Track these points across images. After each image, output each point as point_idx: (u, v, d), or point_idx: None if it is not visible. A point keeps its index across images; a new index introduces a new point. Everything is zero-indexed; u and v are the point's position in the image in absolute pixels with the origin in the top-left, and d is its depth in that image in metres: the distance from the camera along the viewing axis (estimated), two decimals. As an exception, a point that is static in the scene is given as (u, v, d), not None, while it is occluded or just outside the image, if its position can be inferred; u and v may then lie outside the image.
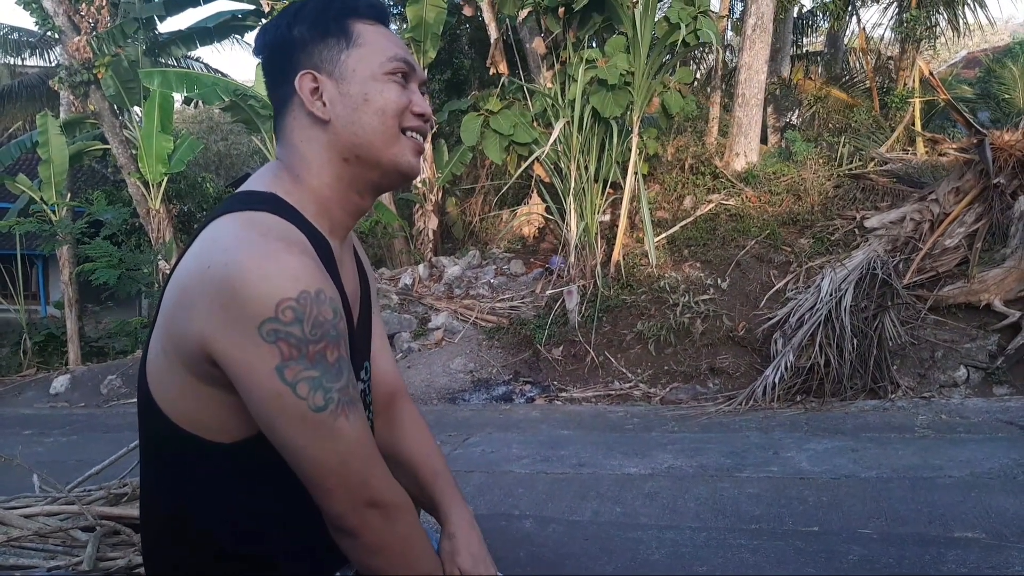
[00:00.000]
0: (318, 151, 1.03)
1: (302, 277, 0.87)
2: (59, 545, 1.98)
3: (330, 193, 1.04)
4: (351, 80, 1.02)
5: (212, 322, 0.86)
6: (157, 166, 10.60)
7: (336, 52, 1.03)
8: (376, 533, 0.94)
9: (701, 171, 9.43)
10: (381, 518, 0.94)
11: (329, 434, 0.89)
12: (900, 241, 7.09)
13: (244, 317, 0.85)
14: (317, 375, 0.87)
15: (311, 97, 1.02)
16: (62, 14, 10.25)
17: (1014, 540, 2.97)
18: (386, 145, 1.03)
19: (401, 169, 1.05)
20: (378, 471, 0.95)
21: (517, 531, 3.39)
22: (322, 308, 0.88)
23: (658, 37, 7.65)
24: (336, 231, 1.06)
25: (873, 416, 5.17)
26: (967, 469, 3.87)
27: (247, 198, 0.99)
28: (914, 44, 10.87)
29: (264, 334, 0.85)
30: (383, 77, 1.03)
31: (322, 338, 0.88)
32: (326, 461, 0.90)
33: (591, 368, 6.79)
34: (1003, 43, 17.87)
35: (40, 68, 17.51)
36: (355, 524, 0.93)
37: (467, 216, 10.77)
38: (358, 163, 1.03)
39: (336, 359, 0.90)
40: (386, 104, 1.02)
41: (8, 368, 10.67)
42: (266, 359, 0.86)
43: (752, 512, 3.48)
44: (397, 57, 1.05)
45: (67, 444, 5.92)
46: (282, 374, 0.86)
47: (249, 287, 0.85)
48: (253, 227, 0.92)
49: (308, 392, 0.87)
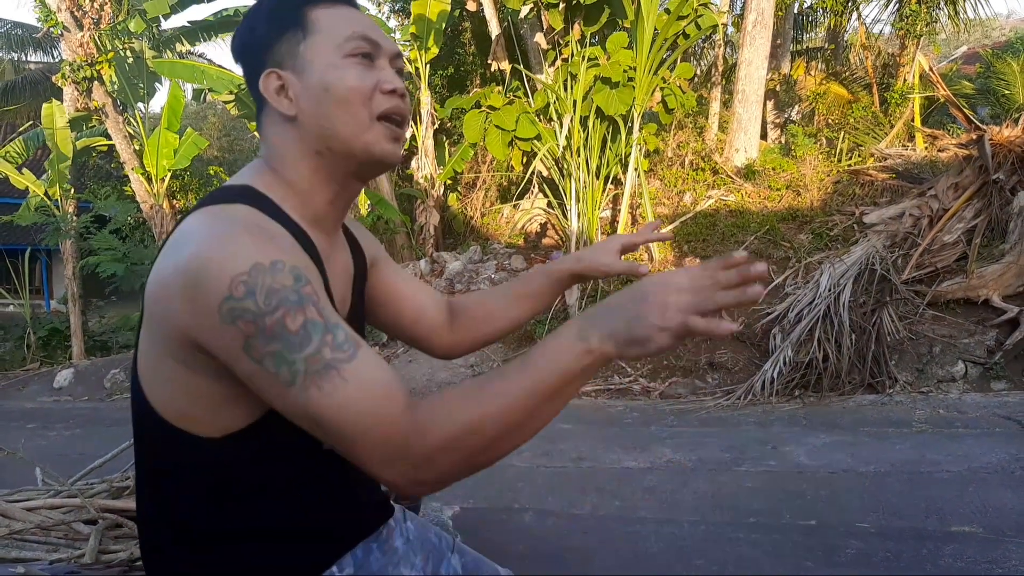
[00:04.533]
0: (291, 147, 1.01)
1: (255, 252, 0.84)
2: (61, 538, 1.99)
3: (308, 186, 1.01)
4: (310, 71, 0.99)
5: (187, 312, 0.85)
6: (161, 162, 10.63)
7: (294, 44, 1.00)
8: (447, 471, 0.84)
9: (701, 167, 9.44)
10: (425, 462, 0.82)
11: (304, 411, 0.82)
12: (899, 237, 7.10)
13: (207, 302, 0.82)
14: (279, 348, 0.81)
15: (277, 96, 1.00)
16: (65, 10, 10.23)
17: (1011, 535, 2.99)
18: (356, 134, 0.99)
19: (376, 157, 1.01)
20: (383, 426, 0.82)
21: (517, 524, 3.41)
22: (277, 276, 0.83)
23: (659, 31, 7.66)
24: (322, 223, 1.04)
25: (871, 411, 5.19)
26: (964, 464, 3.89)
27: (223, 192, 0.97)
28: (914, 40, 10.85)
29: (224, 315, 0.82)
30: (342, 61, 0.99)
31: (278, 306, 0.82)
32: (323, 435, 0.84)
33: (591, 363, 6.80)
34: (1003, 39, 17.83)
35: (44, 64, 17.52)
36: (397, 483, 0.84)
37: (468, 211, 10.77)
38: (331, 155, 1.00)
39: (300, 325, 0.82)
40: (347, 91, 0.98)
41: (12, 362, 10.70)
42: (234, 340, 0.82)
43: (750, 506, 3.50)
44: (355, 35, 1.00)
45: (70, 438, 5.94)
46: (249, 353, 0.82)
47: (207, 271, 0.83)
48: (221, 217, 0.90)
49: (275, 368, 0.82)
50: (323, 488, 1.02)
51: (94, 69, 10.31)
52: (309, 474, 0.99)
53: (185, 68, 10.46)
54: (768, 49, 9.69)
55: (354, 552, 1.06)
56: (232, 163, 21.70)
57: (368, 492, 1.15)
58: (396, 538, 1.15)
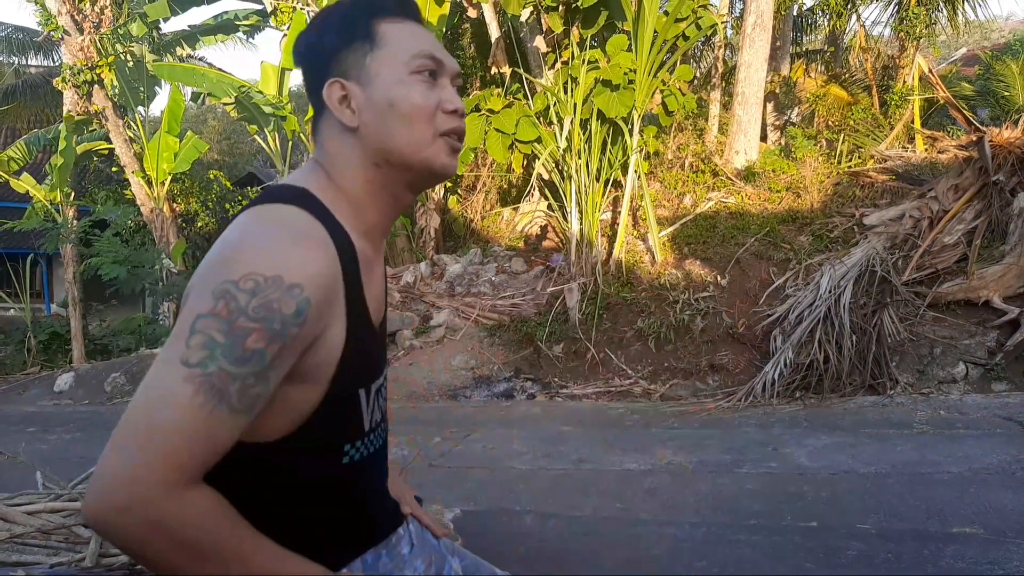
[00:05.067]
0: (350, 156, 1.02)
1: (287, 265, 0.84)
2: (62, 542, 1.98)
3: (364, 196, 1.02)
4: (376, 85, 1.00)
5: (194, 283, 0.86)
6: (161, 166, 10.65)
7: (361, 56, 1.01)
8: (127, 537, 0.80)
9: (701, 169, 9.45)
10: (140, 526, 0.78)
11: (164, 392, 0.80)
12: (899, 238, 7.10)
13: (214, 276, 0.83)
14: (220, 341, 0.80)
15: (339, 106, 1.00)
16: (65, 14, 10.26)
17: (1012, 536, 2.98)
18: (416, 151, 1.00)
19: (435, 172, 1.03)
20: (170, 474, 0.78)
21: (518, 526, 3.41)
22: (285, 299, 0.83)
23: (658, 33, 7.67)
24: (371, 233, 1.04)
25: (872, 412, 5.19)
26: (965, 465, 3.88)
27: (279, 191, 0.98)
28: (914, 42, 10.86)
29: (216, 290, 0.82)
30: (408, 78, 1.00)
31: (259, 321, 0.81)
32: (136, 419, 0.80)
33: (591, 365, 6.81)
34: (1002, 40, 17.85)
35: (44, 68, 17.55)
36: (104, 518, 0.79)
37: (469, 214, 10.77)
38: (389, 167, 1.02)
39: (255, 349, 0.81)
40: (413, 109, 0.99)
41: (13, 366, 10.70)
42: (199, 306, 0.82)
43: (751, 508, 3.49)
44: (422, 54, 1.01)
45: (70, 441, 5.94)
46: (196, 321, 0.81)
47: (235, 258, 0.84)
48: (273, 218, 0.91)
49: (197, 346, 0.80)
50: (341, 496, 1.02)
51: (94, 73, 10.34)
52: (327, 483, 0.99)
53: (185, 71, 10.49)
54: (768, 51, 9.71)
55: (364, 557, 1.06)
56: (232, 166, 21.71)
57: (382, 500, 1.16)
58: (403, 544, 1.16)
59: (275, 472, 0.95)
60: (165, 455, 0.79)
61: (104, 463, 0.79)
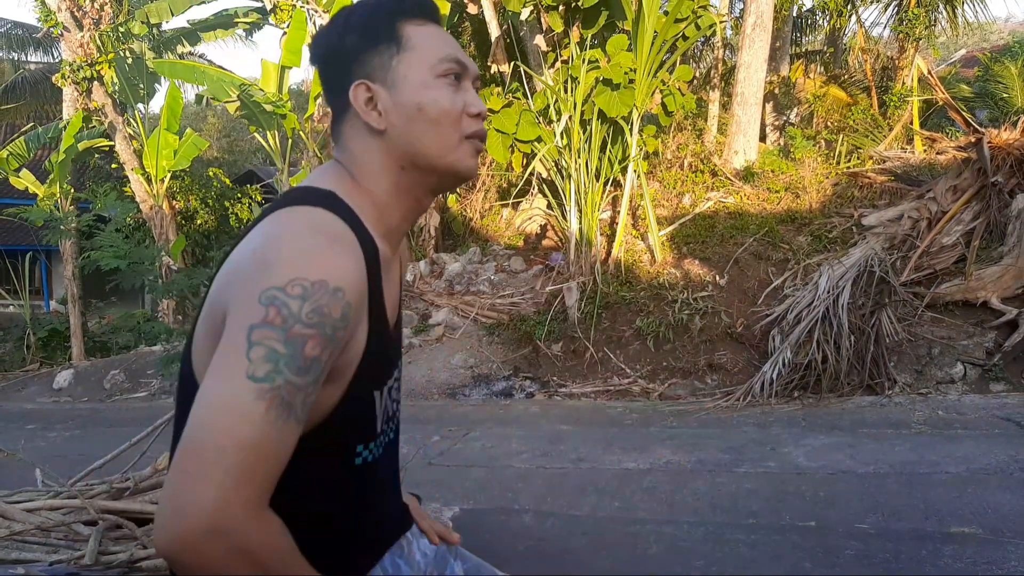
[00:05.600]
0: (376, 159, 1.02)
1: (329, 268, 0.85)
2: (61, 539, 1.99)
3: (388, 199, 1.02)
4: (403, 88, 1.00)
5: (234, 290, 0.86)
6: (161, 163, 10.64)
7: (387, 59, 1.01)
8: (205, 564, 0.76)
9: (700, 169, 9.45)
10: (224, 552, 0.76)
11: (237, 411, 0.78)
12: (898, 239, 7.11)
13: (257, 282, 0.83)
14: (283, 352, 0.80)
15: (366, 108, 1.00)
16: (65, 10, 10.24)
17: (1010, 536, 2.99)
18: (443, 154, 1.01)
19: (460, 174, 1.04)
20: (255, 492, 0.78)
21: (516, 525, 3.42)
22: (333, 303, 0.83)
23: (658, 33, 7.67)
24: (391, 235, 1.05)
25: (870, 412, 5.20)
26: (963, 465, 3.89)
27: (307, 193, 0.97)
28: (913, 43, 10.87)
29: (262, 297, 0.81)
30: (435, 82, 1.00)
31: (314, 326, 0.82)
32: (211, 441, 0.77)
33: (590, 364, 6.81)
34: (1001, 42, 17.87)
35: (44, 64, 17.53)
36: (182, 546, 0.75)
37: (468, 213, 10.77)
38: (415, 170, 1.02)
39: (313, 357, 0.82)
40: (440, 113, 1.00)
41: (12, 363, 10.69)
42: (249, 315, 0.81)
43: (749, 507, 3.50)
44: (448, 58, 1.01)
45: (70, 439, 5.94)
46: (251, 332, 0.80)
47: (274, 261, 0.84)
48: (306, 221, 0.91)
49: (259, 358, 0.79)
50: (351, 497, 1.02)
51: (94, 69, 10.32)
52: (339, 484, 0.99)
53: (185, 68, 10.48)
54: (767, 52, 9.70)
55: (382, 562, 1.08)
56: (232, 164, 21.69)
57: (393, 501, 1.17)
58: (416, 552, 1.17)
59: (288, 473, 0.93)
60: (249, 476, 0.77)
61: (181, 489, 0.76)
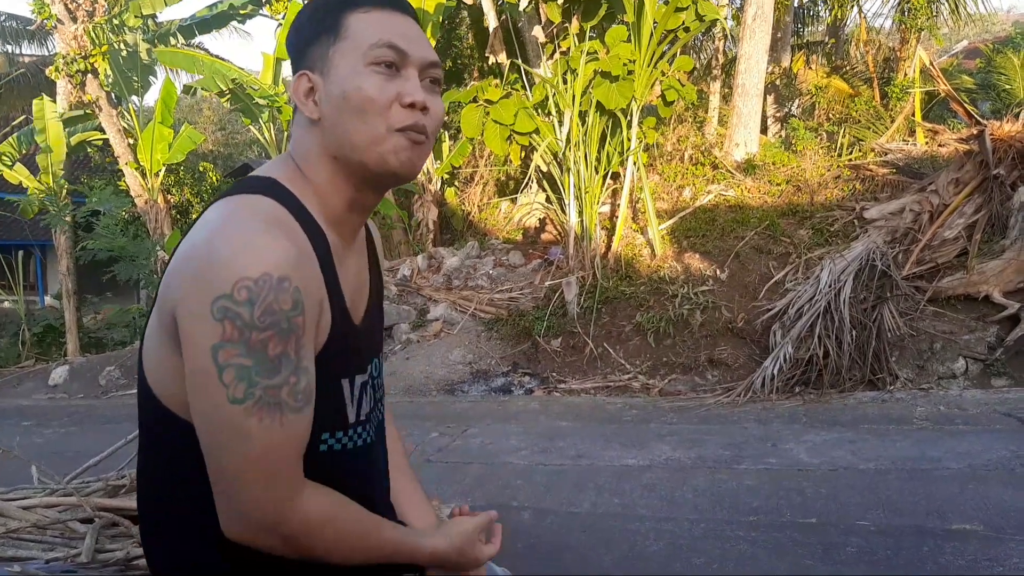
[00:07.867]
0: (313, 149, 1.01)
1: (269, 259, 0.84)
2: (57, 537, 1.97)
3: (328, 188, 1.01)
4: (333, 77, 0.98)
5: (181, 292, 0.86)
6: (155, 156, 10.59)
7: (326, 48, 0.99)
8: (278, 550, 0.92)
9: (701, 161, 9.41)
10: (281, 541, 0.90)
11: (236, 433, 0.85)
12: (899, 232, 7.08)
13: (204, 290, 0.83)
14: (249, 364, 0.83)
15: (304, 99, 1.00)
16: (58, 2, 10.16)
17: (1012, 532, 2.98)
18: (370, 146, 0.97)
19: (390, 168, 0.99)
20: (282, 490, 0.88)
21: (515, 522, 3.40)
22: (280, 296, 0.84)
23: (658, 23, 7.62)
24: (340, 226, 1.03)
25: (871, 408, 5.18)
26: (965, 461, 3.88)
27: (248, 183, 0.99)
28: (915, 34, 10.83)
29: (214, 310, 0.82)
30: (363, 69, 0.97)
31: (269, 327, 0.83)
32: (227, 463, 0.87)
33: (590, 360, 6.79)
34: (1004, 33, 17.82)
35: (38, 57, 17.44)
36: (250, 541, 0.91)
37: (466, 206, 10.74)
38: (346, 161, 1.00)
39: (278, 354, 0.85)
40: (363, 102, 0.96)
41: (7, 359, 10.65)
42: (208, 335, 0.83)
43: (750, 504, 3.49)
44: (380, 43, 0.97)
45: (65, 435, 5.92)
46: (216, 354, 0.83)
47: (216, 262, 0.84)
48: (245, 209, 0.92)
49: (232, 380, 0.83)
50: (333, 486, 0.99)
51: (88, 62, 10.24)
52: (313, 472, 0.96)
53: (186, 58, 10.48)
54: (768, 43, 9.66)
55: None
56: (227, 157, 21.62)
57: (381, 493, 1.16)
58: None
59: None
60: (270, 480, 0.87)
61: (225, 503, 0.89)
